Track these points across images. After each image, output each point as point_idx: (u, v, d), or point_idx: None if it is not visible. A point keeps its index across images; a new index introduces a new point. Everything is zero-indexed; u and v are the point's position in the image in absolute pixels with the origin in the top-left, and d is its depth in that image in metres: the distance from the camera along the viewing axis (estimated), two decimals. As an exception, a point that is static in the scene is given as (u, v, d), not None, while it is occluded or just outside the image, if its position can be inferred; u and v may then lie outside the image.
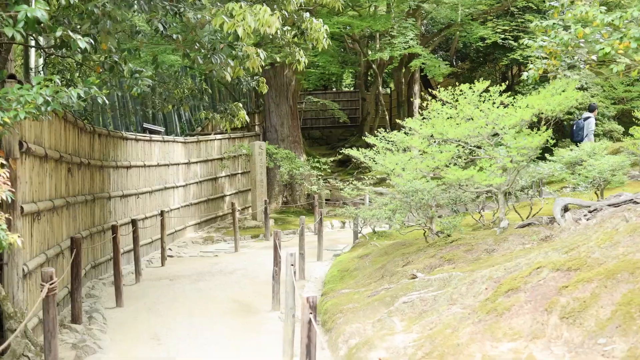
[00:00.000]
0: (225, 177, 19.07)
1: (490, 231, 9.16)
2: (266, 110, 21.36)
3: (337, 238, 16.60)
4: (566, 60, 9.24)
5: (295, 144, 21.29)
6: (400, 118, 25.75)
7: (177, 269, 12.60)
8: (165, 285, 10.99)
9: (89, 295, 9.83)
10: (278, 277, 9.16)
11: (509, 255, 7.36)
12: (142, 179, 13.74)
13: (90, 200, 10.71)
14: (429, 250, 8.95)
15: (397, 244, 10.92)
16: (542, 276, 5.67)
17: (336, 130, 33.98)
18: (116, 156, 12.39)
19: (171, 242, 15.33)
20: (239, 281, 11.16)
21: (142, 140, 13.84)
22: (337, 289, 9.51)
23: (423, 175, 9.00)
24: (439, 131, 8.20)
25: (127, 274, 11.87)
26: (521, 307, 5.35)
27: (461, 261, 7.72)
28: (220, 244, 16.17)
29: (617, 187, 12.64)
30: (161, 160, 14.88)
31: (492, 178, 7.65)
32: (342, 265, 11.41)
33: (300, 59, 11.74)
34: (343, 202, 21.13)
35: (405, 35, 20.37)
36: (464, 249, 8.05)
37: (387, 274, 8.89)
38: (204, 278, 11.45)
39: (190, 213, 16.80)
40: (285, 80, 20.80)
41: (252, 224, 18.00)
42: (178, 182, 15.96)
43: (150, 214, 14.09)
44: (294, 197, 20.89)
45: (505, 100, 8.39)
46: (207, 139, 18.09)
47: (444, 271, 7.56)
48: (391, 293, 7.54)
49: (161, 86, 11.68)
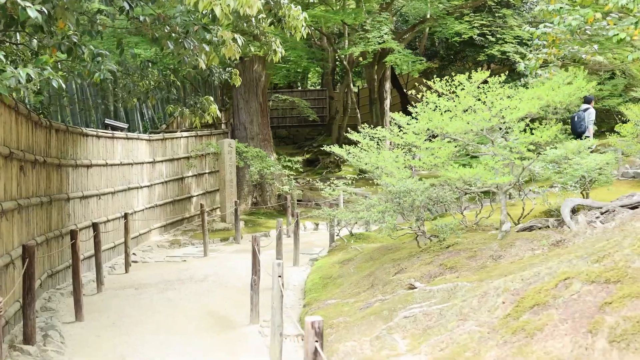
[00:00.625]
0: (192, 176, 18.07)
1: (489, 235, 8.42)
2: (235, 107, 20.41)
3: (312, 241, 15.75)
4: (570, 50, 8.57)
5: (265, 142, 20.38)
6: (372, 116, 25.20)
7: (142, 275, 11.62)
8: (130, 295, 10.02)
9: (45, 309, 8.82)
10: (257, 286, 8.29)
11: (520, 263, 6.61)
12: (104, 178, 12.72)
13: (46, 203, 9.70)
14: (423, 256, 8.17)
15: (383, 249, 10.13)
16: (573, 289, 4.92)
17: (303, 129, 33.23)
18: (75, 154, 11.37)
19: (135, 246, 14.32)
20: (212, 289, 10.24)
21: (104, 137, 12.82)
22: (322, 299, 8.67)
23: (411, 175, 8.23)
24: (436, 125, 7.42)
25: (88, 283, 10.87)
26: (556, 327, 4.58)
27: (464, 269, 6.95)
28: (188, 247, 15.20)
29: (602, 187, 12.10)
30: (124, 159, 13.87)
31: (500, 176, 6.90)
32: (323, 271, 10.57)
33: (277, 49, 10.90)
34: (315, 203, 20.32)
35: (380, 30, 19.62)
36: (466, 256, 7.28)
37: (378, 282, 8.09)
38: (173, 286, 10.51)
39: (155, 215, 15.79)
40: (255, 76, 19.88)
41: (221, 226, 17.06)
42: (142, 182, 14.95)
43: (113, 216, 13.08)
44: (264, 197, 19.99)
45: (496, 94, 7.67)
46: (173, 137, 17.09)
47: (446, 281, 6.78)
48: (388, 305, 6.73)
49: (125, 77, 10.69)
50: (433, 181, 9.06)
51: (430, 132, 8.25)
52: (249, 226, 17.44)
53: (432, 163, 7.48)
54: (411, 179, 8.18)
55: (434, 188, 8.19)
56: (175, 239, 15.85)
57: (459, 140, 7.64)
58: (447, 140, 8.05)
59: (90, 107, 13.39)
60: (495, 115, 7.04)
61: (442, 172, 7.33)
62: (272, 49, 10.89)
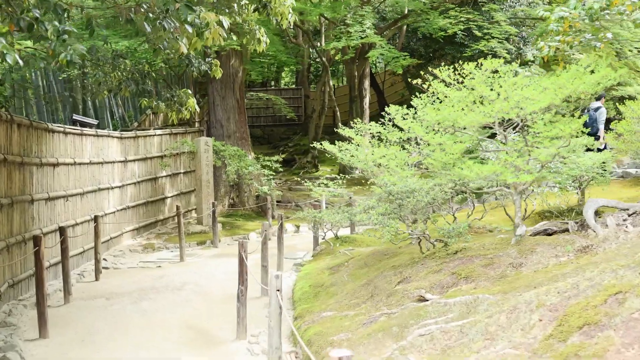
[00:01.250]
0: (167, 176, 17.10)
1: (499, 239, 7.68)
2: (210, 104, 19.47)
3: (294, 244, 14.90)
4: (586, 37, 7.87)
5: (242, 140, 19.49)
6: (353, 115, 24.41)
7: (114, 284, 10.70)
8: (101, 306, 9.11)
9: (5, 324, 7.87)
10: (244, 297, 7.46)
11: (546, 272, 5.87)
12: (72, 178, 11.76)
13: (7, 205, 8.76)
14: (427, 262, 7.40)
15: (378, 254, 9.35)
16: (632, 307, 4.18)
17: (278, 128, 32.45)
18: (40, 151, 10.42)
19: (106, 250, 13.36)
20: (191, 299, 9.37)
21: (72, 134, 11.85)
22: (314, 310, 7.86)
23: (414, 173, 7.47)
24: (446, 118, 6.65)
25: (55, 292, 9.95)
26: (619, 353, 3.83)
27: (482, 279, 6.18)
28: (163, 252, 14.27)
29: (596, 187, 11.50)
30: (94, 158, 12.90)
31: (523, 174, 6.15)
32: (312, 278, 9.76)
33: (262, 37, 10.08)
34: (296, 204, 19.51)
35: (362, 24, 18.84)
36: (481, 263, 6.52)
37: (379, 292, 7.29)
38: (148, 296, 9.62)
39: (127, 217, 14.83)
40: (232, 71, 18.97)
41: (198, 229, 16.14)
42: (113, 182, 13.99)
43: (82, 219, 12.11)
44: (242, 198, 19.08)
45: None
46: (146, 135, 16.12)
47: (463, 292, 6.01)
48: (397, 321, 5.95)
49: (95, 68, 9.76)
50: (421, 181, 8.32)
51: (451, 123, 7.42)
52: (226, 229, 16.55)
53: (443, 160, 6.70)
54: (414, 178, 7.41)
55: (439, 187, 7.42)
56: (148, 242, 14.90)
57: (469, 134, 6.88)
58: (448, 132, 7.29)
59: (57, 101, 12.35)
60: (514, 106, 6.29)
61: (455, 169, 6.56)
62: (255, 38, 10.06)
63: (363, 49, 22.29)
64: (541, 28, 19.52)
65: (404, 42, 29.25)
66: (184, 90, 10.59)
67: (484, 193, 9.51)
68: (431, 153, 7.19)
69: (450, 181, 7.06)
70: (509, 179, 6.16)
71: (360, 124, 9.56)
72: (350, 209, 13.48)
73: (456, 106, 6.68)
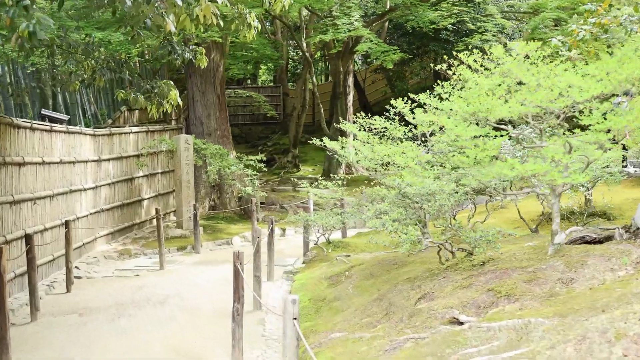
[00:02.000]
0: (143, 177, 15.96)
1: (529, 248, 6.76)
2: (190, 100, 18.36)
3: (281, 249, 13.88)
4: (626, 17, 6.98)
5: (224, 138, 18.42)
6: (337, 112, 23.47)
7: (88, 296, 9.63)
8: (73, 324, 8.03)
9: (-41, 350, 6.78)
10: (240, 317, 6.46)
11: (608, 290, 4.95)
12: (40, 179, 10.63)
13: (-36, 210, 7.66)
14: (451, 275, 6.45)
15: (386, 263, 8.40)
16: None
17: (256, 127, 31.47)
18: (4, 149, 9.30)
19: (78, 257, 12.24)
20: (176, 316, 8.32)
21: (40, 130, 10.72)
22: (319, 329, 6.89)
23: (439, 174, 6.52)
24: (478, 108, 5.71)
25: (20, 307, 8.87)
26: None
27: (527, 297, 5.25)
28: (140, 258, 13.19)
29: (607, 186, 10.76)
30: (65, 157, 11.77)
31: (575, 174, 5.23)
32: (309, 290, 8.79)
33: (253, 23, 9.07)
34: (281, 206, 18.51)
35: (350, 16, 17.89)
36: (522, 278, 5.58)
37: (397, 310, 6.35)
38: (127, 311, 8.56)
39: (101, 221, 13.70)
40: (213, 65, 17.87)
41: (178, 233, 15.05)
42: (86, 183, 12.85)
43: (52, 224, 10.99)
44: (223, 200, 18.01)
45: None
46: (122, 132, 14.99)
47: (507, 314, 5.07)
48: (429, 349, 4.99)
49: (66, 55, 8.67)
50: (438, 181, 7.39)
51: (484, 114, 6.45)
52: (208, 232, 15.49)
53: (479, 157, 5.75)
54: (436, 180, 6.47)
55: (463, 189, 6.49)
56: (124, 248, 13.78)
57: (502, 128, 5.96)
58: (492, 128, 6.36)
59: (24, 93, 11.19)
60: (560, 95, 5.37)
61: (493, 168, 5.62)
62: (246, 24, 9.05)
63: (348, 43, 21.36)
64: (534, 21, 18.78)
65: (387, 38, 28.39)
66: (165, 81, 9.53)
67: (507, 194, 8.56)
68: (448, 149, 6.23)
69: (477, 181, 6.13)
70: (558, 179, 5.25)
71: (362, 119, 8.59)
72: (344, 211, 12.56)
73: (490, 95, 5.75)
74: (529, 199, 12.43)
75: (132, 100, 9.42)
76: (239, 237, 15.42)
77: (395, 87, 29.96)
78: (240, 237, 15.47)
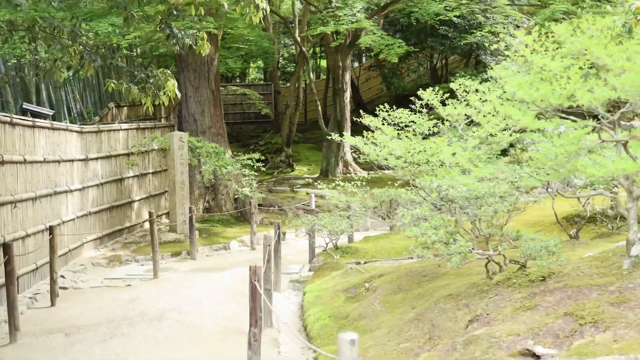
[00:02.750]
0: (134, 177, 14.92)
1: (593, 258, 5.82)
2: (182, 96, 17.24)
3: (283, 255, 12.77)
4: None
5: (219, 137, 17.39)
6: (336, 109, 22.51)
7: (75, 311, 8.60)
8: (58, 346, 7.01)
9: None
10: (257, 343, 5.48)
11: None
12: (21, 180, 9.59)
13: None
14: (506, 293, 5.49)
15: (414, 274, 7.42)
16: None
17: (247, 126, 30.53)
18: (-20, 146, 8.27)
19: (64, 265, 11.20)
20: (177, 336, 7.29)
21: (21, 125, 9.67)
22: (347, 354, 5.89)
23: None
24: (547, 95, 4.75)
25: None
26: None
27: (620, 324, 4.29)
28: (132, 265, 12.15)
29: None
30: (49, 155, 10.71)
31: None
32: (326, 305, 7.80)
33: (260, 3, 8.10)
34: (279, 208, 17.50)
35: (352, 7, 16.92)
36: (604, 298, 4.62)
37: (442, 335, 5.38)
38: (119, 330, 7.53)
39: (88, 225, 12.64)
40: (207, 59, 16.84)
41: (171, 237, 14.01)
42: (73, 184, 11.79)
43: (34, 229, 9.94)
44: (218, 201, 16.95)
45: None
46: (111, 129, 13.94)
47: (598, 347, 4.10)
48: (504, 390, 4.02)
49: (51, 39, 7.63)
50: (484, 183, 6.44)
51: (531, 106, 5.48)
52: (203, 236, 14.45)
53: (557, 152, 4.79)
54: (485, 183, 5.52)
55: (518, 191, 5.55)
56: (114, 254, 12.73)
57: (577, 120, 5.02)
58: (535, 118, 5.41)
59: (3, 83, 10.12)
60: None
61: (576, 165, 4.67)
62: (252, 4, 8.07)
63: (348, 37, 20.40)
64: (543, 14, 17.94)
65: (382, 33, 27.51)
66: (162, 70, 8.51)
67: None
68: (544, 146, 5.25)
69: (540, 182, 5.18)
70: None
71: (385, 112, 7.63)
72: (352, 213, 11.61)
73: (557, 80, 4.79)
74: (548, 199, 11.55)
75: (125, 92, 8.40)
76: (237, 241, 14.41)
77: (392, 84, 29.10)
78: (238, 241, 14.46)
